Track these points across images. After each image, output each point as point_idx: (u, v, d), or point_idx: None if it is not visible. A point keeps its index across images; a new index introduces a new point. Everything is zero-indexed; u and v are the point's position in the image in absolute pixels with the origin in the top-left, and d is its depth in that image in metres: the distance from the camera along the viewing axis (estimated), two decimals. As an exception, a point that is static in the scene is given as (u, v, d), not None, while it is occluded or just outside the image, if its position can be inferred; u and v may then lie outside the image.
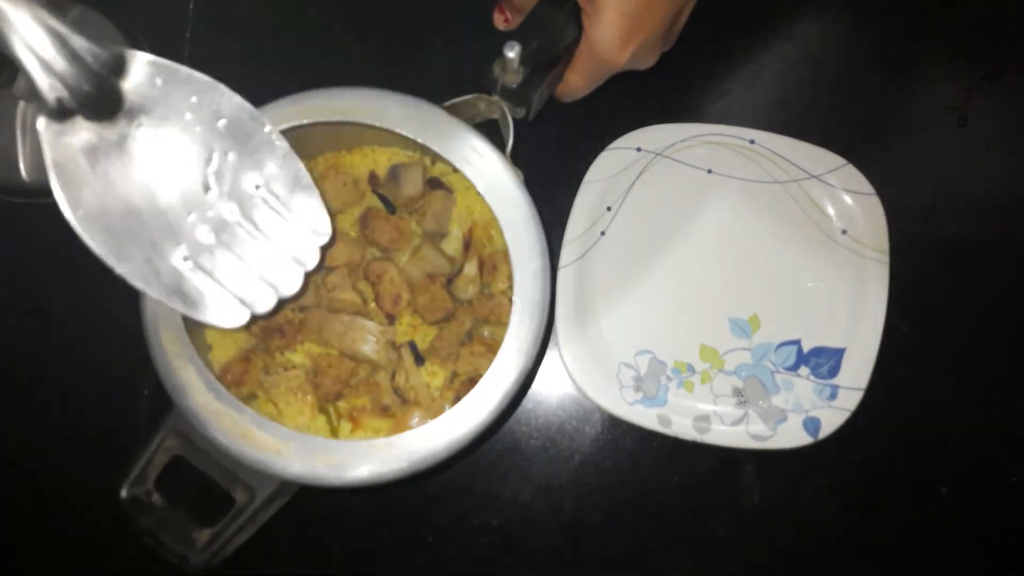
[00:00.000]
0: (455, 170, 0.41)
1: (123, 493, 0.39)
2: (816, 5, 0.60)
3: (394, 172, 0.44)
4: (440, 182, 0.45)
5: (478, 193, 0.40)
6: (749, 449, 0.49)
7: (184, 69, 0.32)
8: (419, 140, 0.40)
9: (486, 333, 0.43)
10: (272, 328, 0.43)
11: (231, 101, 0.32)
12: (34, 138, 0.58)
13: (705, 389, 0.50)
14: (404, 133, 0.40)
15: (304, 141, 0.43)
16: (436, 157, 0.45)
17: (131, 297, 0.40)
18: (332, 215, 0.43)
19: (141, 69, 0.31)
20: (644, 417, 0.49)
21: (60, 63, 0.28)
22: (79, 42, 0.28)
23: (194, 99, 0.32)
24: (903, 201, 0.54)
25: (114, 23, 0.54)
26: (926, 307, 0.52)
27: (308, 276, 0.35)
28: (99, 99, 0.30)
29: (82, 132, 0.30)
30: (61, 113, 0.29)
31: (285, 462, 0.36)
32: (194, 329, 0.41)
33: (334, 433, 0.41)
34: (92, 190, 0.30)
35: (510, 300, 0.39)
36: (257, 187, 0.33)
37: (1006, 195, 0.55)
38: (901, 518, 0.49)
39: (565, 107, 0.58)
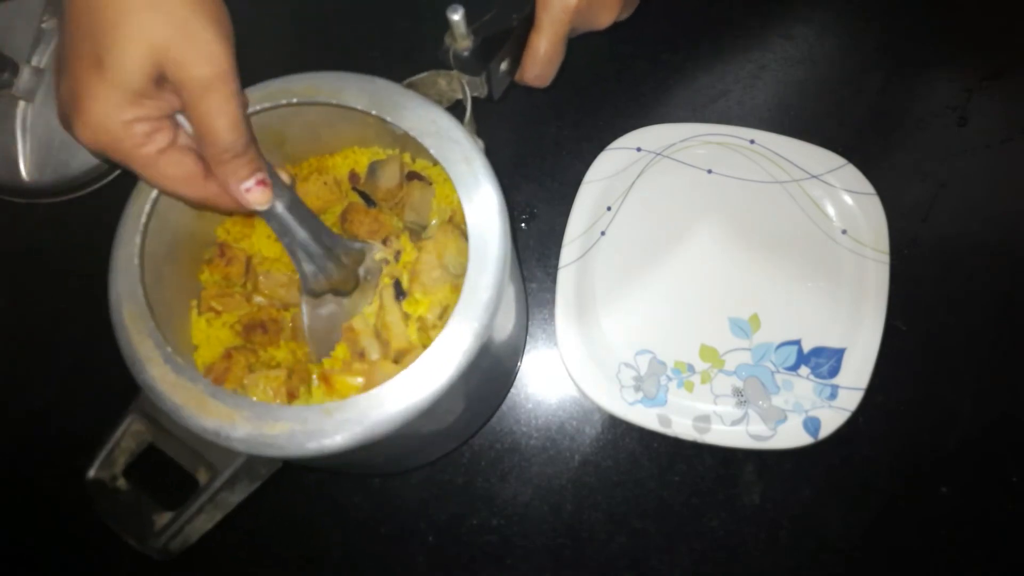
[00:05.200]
0: (435, 163, 0.41)
1: (89, 474, 0.39)
2: (816, 5, 0.61)
3: (372, 168, 0.45)
4: (418, 175, 0.45)
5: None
6: (749, 449, 0.49)
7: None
8: (373, 112, 0.40)
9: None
10: (255, 324, 0.43)
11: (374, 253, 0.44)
12: (35, 138, 0.58)
13: (705, 389, 0.50)
14: (359, 107, 0.40)
15: (286, 143, 0.44)
16: (415, 152, 0.45)
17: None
18: (316, 214, 0.44)
19: (370, 256, 0.43)
20: (644, 417, 0.49)
21: (328, 268, 0.40)
22: (341, 248, 0.41)
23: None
24: (903, 201, 0.54)
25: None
26: (926, 307, 0.52)
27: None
28: (346, 285, 0.42)
29: (329, 304, 0.42)
30: (320, 294, 0.41)
31: (238, 431, 0.34)
32: (180, 327, 0.41)
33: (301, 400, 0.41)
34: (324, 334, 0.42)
35: None
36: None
37: (1006, 195, 0.55)
38: (901, 518, 0.49)
39: (565, 107, 0.58)
